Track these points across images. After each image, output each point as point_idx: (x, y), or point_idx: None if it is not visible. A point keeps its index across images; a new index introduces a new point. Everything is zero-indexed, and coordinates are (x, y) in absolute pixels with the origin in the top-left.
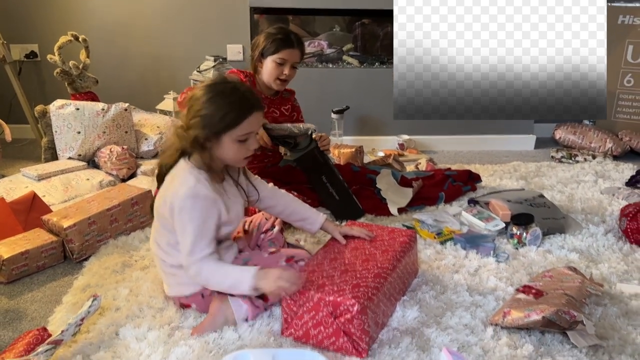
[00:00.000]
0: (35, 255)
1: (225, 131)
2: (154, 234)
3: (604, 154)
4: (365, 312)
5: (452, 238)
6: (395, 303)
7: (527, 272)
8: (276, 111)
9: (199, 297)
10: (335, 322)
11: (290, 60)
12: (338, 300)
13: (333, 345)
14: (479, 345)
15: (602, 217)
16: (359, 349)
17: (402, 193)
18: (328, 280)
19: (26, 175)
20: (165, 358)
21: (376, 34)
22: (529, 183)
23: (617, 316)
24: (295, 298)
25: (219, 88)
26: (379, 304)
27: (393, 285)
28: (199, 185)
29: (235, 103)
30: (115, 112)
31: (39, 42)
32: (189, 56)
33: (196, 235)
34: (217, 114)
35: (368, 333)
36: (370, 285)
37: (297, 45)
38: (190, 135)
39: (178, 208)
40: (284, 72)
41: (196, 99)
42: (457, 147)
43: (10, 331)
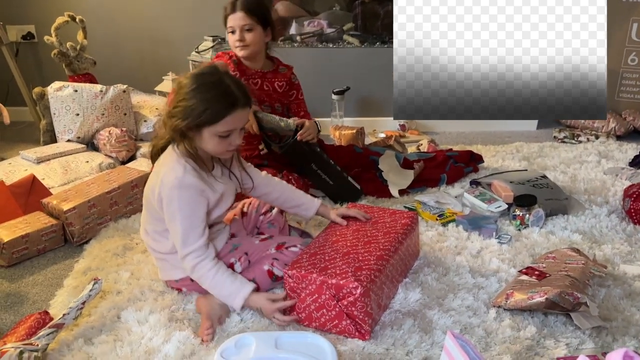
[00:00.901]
0: (36, 238)
1: (205, 126)
2: (143, 222)
3: (607, 133)
4: (367, 295)
5: (454, 220)
6: (397, 285)
7: (529, 254)
8: (268, 85)
9: (187, 280)
10: (338, 304)
11: (237, 24)
12: (341, 283)
13: (336, 328)
14: (481, 327)
15: (605, 197)
16: (361, 331)
17: (403, 175)
18: (330, 263)
19: (25, 158)
20: (167, 341)
21: (377, 12)
22: (531, 164)
23: (621, 297)
24: (298, 281)
25: (205, 79)
26: (382, 286)
27: (395, 267)
28: (187, 175)
29: (217, 98)
30: (114, 93)
31: (36, 23)
32: (188, 37)
33: (186, 226)
34: (198, 108)
35: (371, 315)
36: (373, 267)
37: (240, 7)
38: (172, 123)
39: (167, 199)
40: (235, 39)
41: (181, 87)
42: (459, 128)
43: (12, 315)
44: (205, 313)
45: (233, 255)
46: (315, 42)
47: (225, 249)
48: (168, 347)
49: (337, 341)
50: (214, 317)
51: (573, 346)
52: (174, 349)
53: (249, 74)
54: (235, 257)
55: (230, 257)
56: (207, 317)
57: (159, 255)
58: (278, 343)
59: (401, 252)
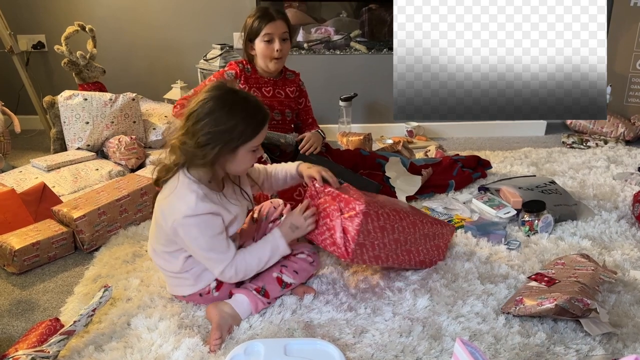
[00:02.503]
0: (46, 246)
1: (243, 144)
2: (152, 242)
3: (616, 139)
4: (367, 219)
5: (463, 226)
6: (401, 258)
7: (539, 260)
8: (281, 92)
9: (196, 296)
10: (340, 217)
11: (277, 33)
12: (351, 199)
13: (329, 240)
14: (491, 334)
15: (614, 203)
16: (347, 249)
17: (411, 181)
18: (354, 194)
19: (36, 166)
20: (177, 348)
21: (383, 19)
22: (540, 169)
23: (631, 303)
24: (319, 191)
25: (233, 98)
26: (384, 233)
27: (406, 232)
28: (199, 204)
29: (252, 114)
30: (123, 102)
31: (46, 33)
32: (196, 45)
33: (210, 247)
34: (238, 127)
35: (362, 245)
36: (385, 209)
37: (278, 16)
38: (203, 152)
39: (184, 229)
40: (275, 49)
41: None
42: (467, 133)
43: (23, 322)
44: (216, 322)
45: None
46: (322, 49)
47: None
48: (178, 353)
49: (346, 348)
50: (224, 327)
51: (583, 353)
52: (184, 356)
53: (262, 82)
54: None
55: None
56: (217, 327)
57: (169, 274)
58: (287, 350)
59: (419, 229)
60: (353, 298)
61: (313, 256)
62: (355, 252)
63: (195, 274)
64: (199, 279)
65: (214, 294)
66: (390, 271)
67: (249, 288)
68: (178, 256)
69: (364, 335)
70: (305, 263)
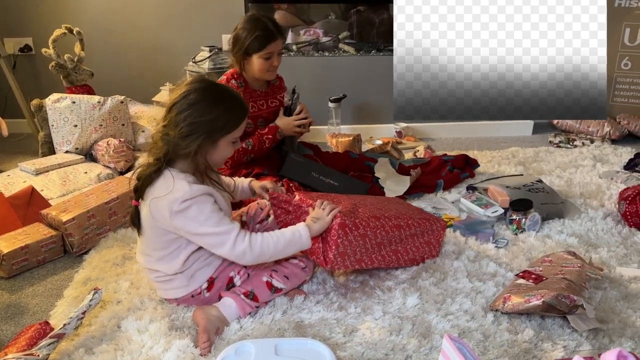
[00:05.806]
0: (35, 249)
1: (225, 135)
2: (143, 248)
3: (602, 138)
4: (344, 230)
5: (452, 225)
6: (388, 259)
7: (526, 258)
8: (274, 101)
9: (189, 297)
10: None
11: (276, 50)
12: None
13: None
14: (479, 331)
15: (600, 201)
16: (326, 258)
17: (399, 181)
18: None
19: (24, 169)
20: (167, 350)
21: (372, 21)
22: (527, 168)
23: (617, 299)
24: (302, 202)
25: (216, 90)
26: (365, 240)
27: (389, 235)
28: (194, 186)
29: (235, 105)
30: (112, 104)
31: (33, 36)
32: (184, 47)
33: (215, 222)
34: (221, 118)
35: (343, 253)
36: (363, 218)
37: (279, 35)
38: (185, 142)
39: (184, 212)
40: (273, 64)
41: (190, 105)
42: (455, 133)
43: (12, 326)
44: (202, 326)
45: (232, 268)
46: (311, 50)
47: (224, 262)
48: (168, 355)
49: (337, 347)
50: (211, 330)
51: (570, 348)
52: (174, 357)
53: (255, 96)
54: (234, 271)
55: (229, 271)
56: (204, 330)
57: (162, 278)
58: (278, 349)
59: (403, 231)
60: (343, 297)
61: (306, 262)
62: (335, 261)
63: (189, 275)
64: (192, 279)
65: (205, 295)
66: (380, 270)
67: (238, 292)
68: (178, 254)
69: (355, 334)
70: (297, 269)
